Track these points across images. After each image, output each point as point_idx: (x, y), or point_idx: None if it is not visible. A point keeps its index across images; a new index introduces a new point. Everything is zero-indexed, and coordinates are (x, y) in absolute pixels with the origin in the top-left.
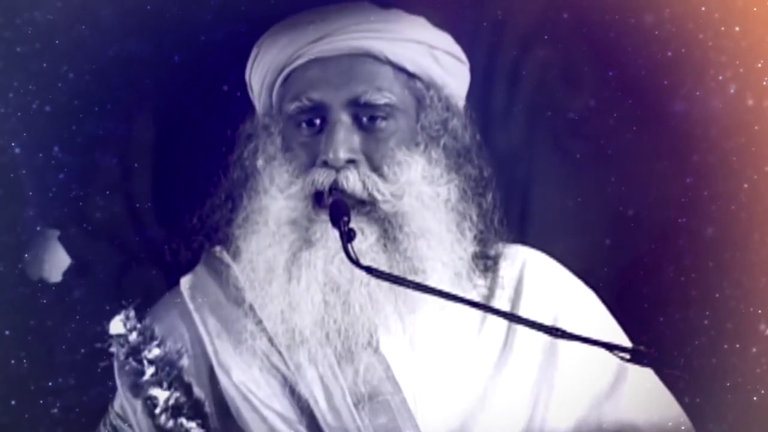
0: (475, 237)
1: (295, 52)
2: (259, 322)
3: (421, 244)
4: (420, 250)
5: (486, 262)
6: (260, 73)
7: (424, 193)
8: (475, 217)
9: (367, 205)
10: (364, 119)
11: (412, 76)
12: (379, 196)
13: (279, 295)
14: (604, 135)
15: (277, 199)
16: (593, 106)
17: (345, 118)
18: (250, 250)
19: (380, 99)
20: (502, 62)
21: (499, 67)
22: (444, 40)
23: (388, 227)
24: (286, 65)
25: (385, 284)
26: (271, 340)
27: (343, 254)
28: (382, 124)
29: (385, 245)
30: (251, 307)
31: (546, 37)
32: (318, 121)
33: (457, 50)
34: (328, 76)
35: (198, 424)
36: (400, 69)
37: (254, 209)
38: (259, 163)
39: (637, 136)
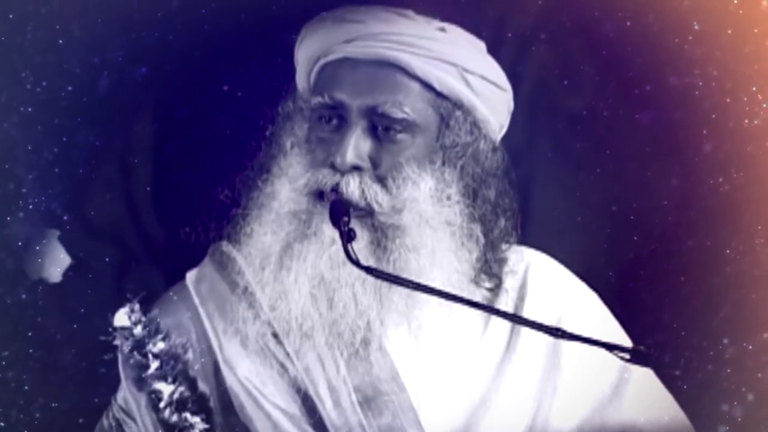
0: (478, 259)
1: (329, 47)
2: (251, 307)
3: (412, 258)
4: (410, 264)
5: (489, 270)
6: (302, 55)
7: (426, 211)
8: (482, 240)
9: (364, 211)
10: (380, 129)
11: (440, 94)
12: (376, 207)
13: (270, 282)
14: (605, 135)
15: (285, 187)
16: (593, 106)
17: (361, 123)
18: (252, 236)
19: (397, 113)
20: (502, 62)
21: (503, 66)
22: (484, 66)
23: (381, 237)
24: (320, 56)
25: (371, 291)
26: (275, 335)
27: (332, 252)
28: (397, 136)
29: (374, 252)
30: (245, 291)
31: (544, 37)
32: (335, 121)
33: (498, 77)
34: (355, 78)
35: (202, 419)
36: (428, 86)
37: (266, 193)
38: (287, 144)
39: (637, 137)
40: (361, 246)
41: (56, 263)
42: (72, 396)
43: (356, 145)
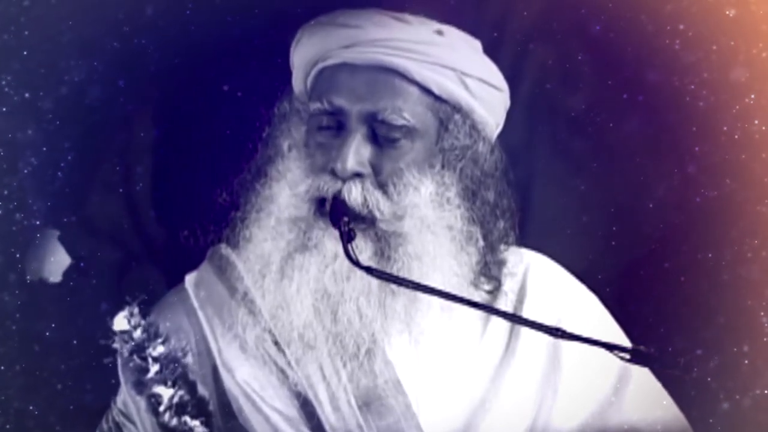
0: (478, 262)
1: (327, 52)
2: (251, 313)
3: (415, 266)
4: (414, 272)
5: (488, 273)
6: (298, 58)
7: (427, 217)
8: (481, 242)
9: (366, 222)
10: (380, 134)
11: (439, 98)
12: (378, 215)
13: (271, 291)
14: (604, 135)
15: (284, 192)
16: (590, 107)
17: (361, 129)
18: (252, 240)
19: (397, 120)
20: (498, 62)
21: (499, 67)
22: (482, 68)
23: (384, 246)
24: (318, 61)
25: (375, 304)
26: (276, 343)
27: (336, 267)
28: (397, 142)
29: (378, 263)
30: (244, 296)
31: (540, 37)
32: (335, 126)
33: (496, 78)
34: (354, 84)
35: (202, 422)
36: (426, 90)
37: (265, 196)
38: (285, 146)
39: (637, 137)
40: (364, 258)
41: (56, 263)
42: (52, 401)
43: (357, 152)
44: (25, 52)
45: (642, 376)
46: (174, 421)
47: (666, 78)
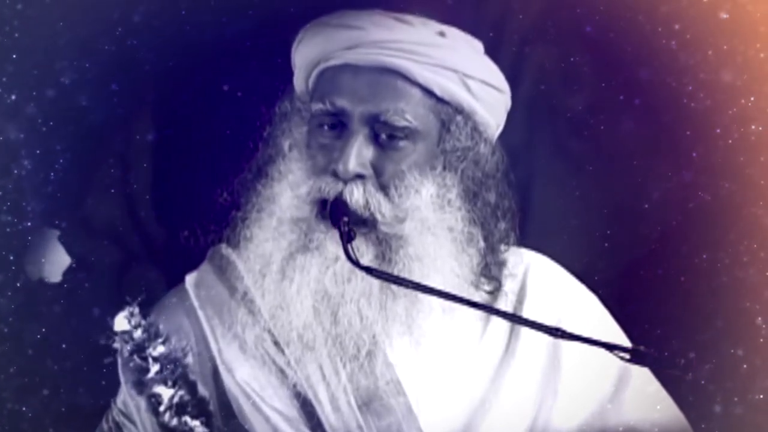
0: (478, 263)
1: (329, 53)
2: (250, 312)
3: (415, 267)
4: (414, 273)
5: (488, 274)
6: (299, 59)
7: (428, 219)
8: (482, 243)
9: (367, 226)
10: (383, 136)
11: (441, 100)
12: (379, 217)
13: (271, 291)
14: (604, 135)
15: (286, 192)
16: (593, 107)
17: (363, 131)
18: (252, 240)
19: (400, 121)
20: (503, 63)
21: (500, 68)
22: (484, 70)
23: (386, 249)
24: (320, 61)
25: (376, 306)
26: (276, 343)
27: (336, 268)
28: (399, 143)
29: (379, 266)
30: (244, 296)
31: (544, 36)
32: (337, 127)
33: (498, 80)
34: (356, 85)
35: (202, 423)
36: (428, 92)
37: (266, 197)
38: (286, 146)
39: (637, 137)
40: (365, 261)
41: (56, 263)
42: (47, 403)
43: (359, 153)
44: (18, 55)
45: (642, 376)
46: (174, 421)
47: (663, 79)
